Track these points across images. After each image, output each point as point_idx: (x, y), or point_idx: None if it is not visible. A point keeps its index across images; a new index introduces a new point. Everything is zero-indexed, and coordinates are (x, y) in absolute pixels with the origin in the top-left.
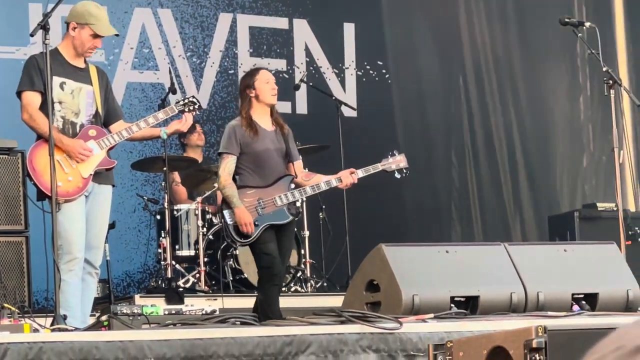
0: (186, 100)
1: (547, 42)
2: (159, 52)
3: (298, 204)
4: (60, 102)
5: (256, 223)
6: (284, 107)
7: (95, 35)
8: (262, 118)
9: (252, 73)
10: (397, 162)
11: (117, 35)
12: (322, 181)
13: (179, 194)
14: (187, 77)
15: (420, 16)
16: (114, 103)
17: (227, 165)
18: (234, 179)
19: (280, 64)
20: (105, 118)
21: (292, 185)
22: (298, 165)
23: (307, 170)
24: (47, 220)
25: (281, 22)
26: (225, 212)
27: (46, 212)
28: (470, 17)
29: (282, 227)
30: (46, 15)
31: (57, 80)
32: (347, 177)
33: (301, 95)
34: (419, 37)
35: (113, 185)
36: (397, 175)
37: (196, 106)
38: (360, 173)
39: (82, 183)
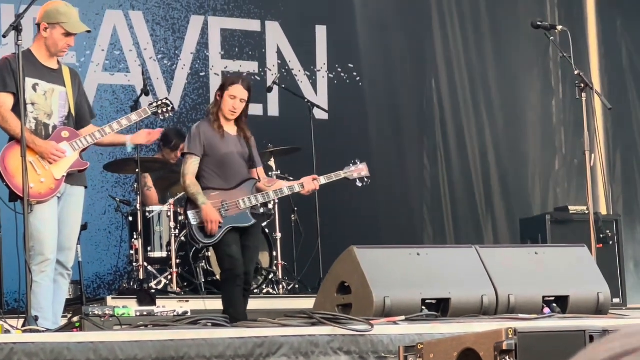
0: (159, 102)
1: (520, 45)
2: (130, 54)
3: (270, 205)
4: (33, 104)
5: (219, 225)
6: (256, 109)
7: (68, 34)
8: (226, 122)
9: (231, 80)
10: (358, 170)
11: (89, 31)
12: (284, 186)
13: (151, 197)
14: (158, 79)
15: (392, 18)
16: (86, 106)
17: (191, 166)
18: (197, 180)
19: (252, 66)
20: (76, 119)
21: (255, 189)
22: (260, 171)
23: (272, 175)
24: (20, 222)
25: (253, 25)
26: (190, 213)
27: (18, 214)
28: (442, 19)
29: (246, 230)
30: (19, 17)
31: (30, 81)
32: (310, 184)
33: (273, 98)
34: (391, 39)
35: (85, 187)
36: (359, 184)
37: (169, 108)
38: (323, 180)
39: (55, 184)
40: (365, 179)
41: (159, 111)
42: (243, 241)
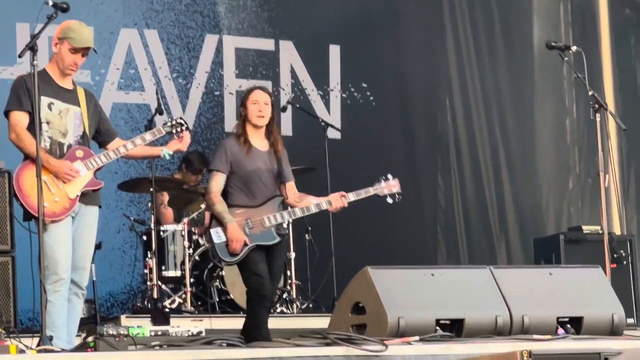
0: (174, 122)
1: (534, 65)
2: (145, 72)
3: (284, 225)
4: (48, 122)
5: (244, 242)
6: None
7: (75, 50)
8: (255, 137)
9: (247, 91)
10: (390, 186)
11: (94, 50)
12: (312, 203)
13: (166, 215)
14: (173, 98)
15: (406, 38)
16: (108, 123)
17: (217, 182)
18: (223, 197)
19: (266, 86)
20: (102, 138)
21: (282, 207)
22: (290, 186)
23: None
24: (34, 241)
25: (267, 44)
26: (213, 231)
27: (32, 233)
28: (457, 39)
29: (271, 249)
30: (34, 37)
31: (45, 100)
32: (337, 201)
33: (286, 117)
34: (405, 59)
35: (99, 206)
36: (389, 200)
37: (183, 127)
38: (352, 197)
39: (69, 204)
40: (397, 195)
41: (173, 131)
42: (267, 258)
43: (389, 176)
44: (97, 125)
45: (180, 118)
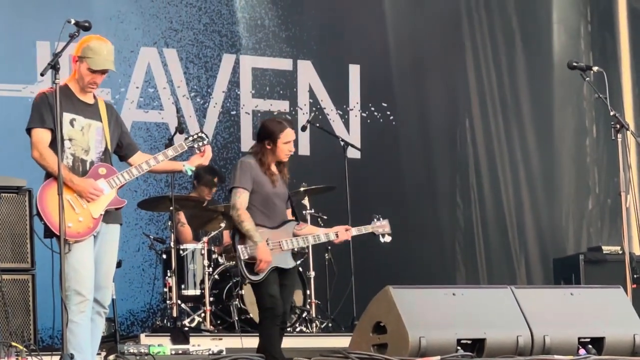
0: (195, 136)
1: (554, 84)
2: (164, 91)
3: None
4: (70, 139)
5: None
6: None
7: (93, 71)
8: (273, 163)
9: (279, 128)
10: (382, 226)
11: (113, 70)
12: (321, 233)
13: (185, 234)
14: (191, 117)
15: (426, 57)
16: (129, 137)
17: (243, 199)
18: (231, 215)
19: (283, 105)
20: (124, 152)
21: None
22: (289, 212)
23: (306, 214)
24: (56, 258)
25: (285, 63)
26: (240, 247)
27: (55, 252)
28: (477, 59)
29: (285, 272)
30: (56, 55)
31: (67, 116)
32: (343, 234)
33: (304, 137)
34: (425, 78)
35: (120, 224)
36: (382, 240)
37: (205, 142)
38: (354, 232)
39: (93, 223)
40: (388, 235)
41: (195, 145)
42: (281, 280)
43: (380, 217)
44: (118, 139)
45: (202, 132)
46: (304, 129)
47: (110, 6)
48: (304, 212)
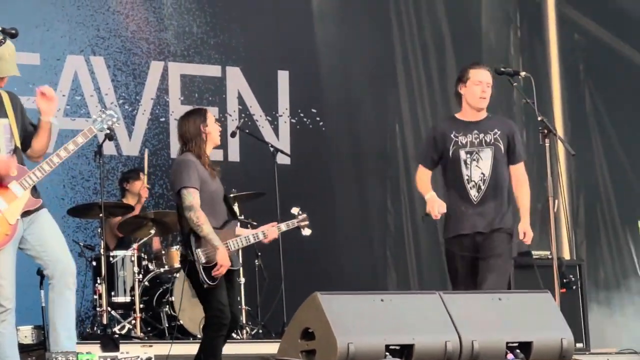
0: (103, 116)
1: None
2: (91, 99)
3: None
4: None
5: None
6: (216, 155)
7: None
8: (209, 153)
9: (201, 112)
10: (304, 220)
11: (17, 75)
12: (250, 234)
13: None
14: (119, 125)
15: (355, 63)
16: (31, 125)
17: (197, 199)
18: (187, 217)
19: (212, 112)
20: (27, 140)
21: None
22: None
23: None
24: None
25: (214, 70)
26: (200, 251)
27: None
28: (407, 64)
29: (230, 273)
30: None
31: None
32: (272, 232)
33: (233, 143)
34: (354, 84)
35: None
36: (304, 233)
37: (115, 119)
38: (283, 227)
39: (10, 230)
40: (308, 228)
41: (105, 126)
42: (227, 282)
43: (299, 211)
44: (24, 132)
45: (107, 108)
46: (233, 135)
47: (36, 14)
48: None
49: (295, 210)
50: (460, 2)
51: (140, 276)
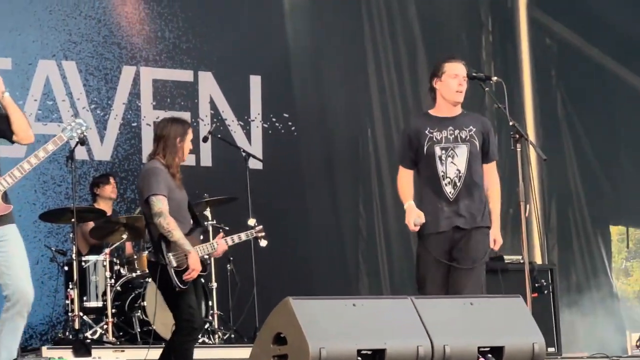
0: (72, 124)
1: None
2: (63, 104)
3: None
4: None
5: None
6: (189, 160)
7: None
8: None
9: (185, 125)
10: (258, 231)
11: None
12: (204, 245)
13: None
14: (91, 129)
15: (327, 67)
16: (5, 124)
17: (166, 206)
18: (155, 224)
19: (184, 117)
20: (7, 130)
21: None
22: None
23: (208, 225)
24: None
25: (186, 75)
26: (171, 255)
27: None
28: (379, 68)
29: (197, 278)
30: None
31: None
32: (222, 245)
33: (206, 148)
34: (326, 88)
35: (13, 223)
36: (261, 244)
37: (83, 128)
38: (230, 241)
39: None
40: (264, 239)
41: (74, 134)
42: (195, 287)
43: (255, 222)
44: None
45: (77, 117)
46: (205, 140)
47: (8, 18)
48: (206, 223)
49: (251, 222)
50: (432, 7)
51: (113, 281)
